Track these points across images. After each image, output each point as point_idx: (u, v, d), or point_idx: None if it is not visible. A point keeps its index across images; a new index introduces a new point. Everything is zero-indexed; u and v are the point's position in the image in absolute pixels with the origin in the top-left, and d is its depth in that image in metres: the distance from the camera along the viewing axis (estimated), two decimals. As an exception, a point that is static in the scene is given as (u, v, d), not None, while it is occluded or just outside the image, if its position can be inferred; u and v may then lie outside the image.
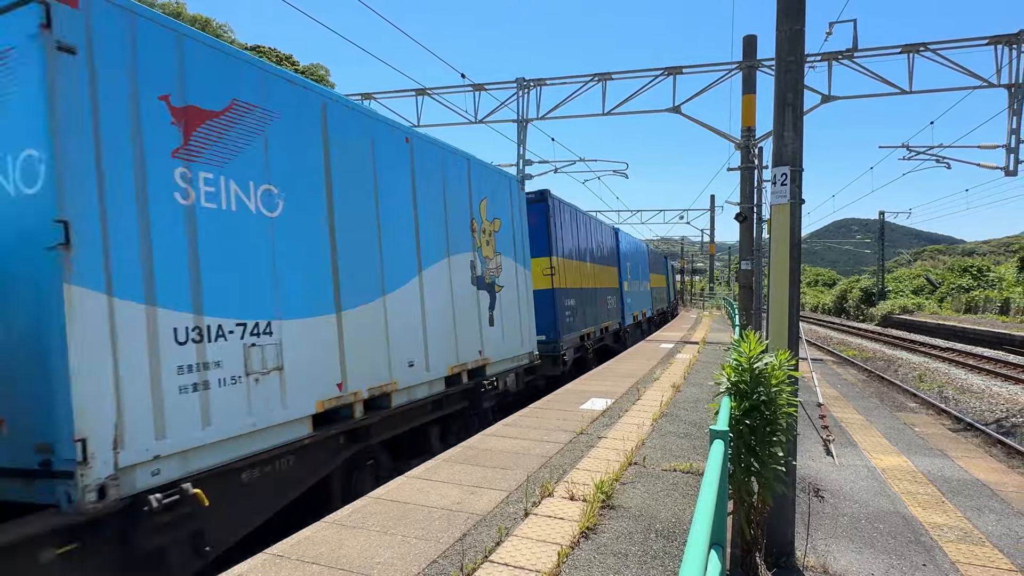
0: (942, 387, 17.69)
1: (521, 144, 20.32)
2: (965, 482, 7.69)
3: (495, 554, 3.74)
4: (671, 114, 18.47)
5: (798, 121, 5.33)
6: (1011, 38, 15.68)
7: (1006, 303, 36.11)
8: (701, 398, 8.96)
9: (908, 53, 16.47)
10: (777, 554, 5.20)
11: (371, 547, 3.83)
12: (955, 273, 49.10)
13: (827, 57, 16.93)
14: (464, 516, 4.35)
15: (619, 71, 19.05)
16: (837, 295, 60.93)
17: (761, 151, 17.27)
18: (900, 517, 6.44)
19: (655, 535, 4.06)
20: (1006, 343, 25.61)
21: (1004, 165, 16.43)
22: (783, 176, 5.27)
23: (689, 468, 5.51)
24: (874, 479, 7.71)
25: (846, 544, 5.80)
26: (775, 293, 5.40)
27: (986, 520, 6.36)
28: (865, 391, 16.31)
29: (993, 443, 11.38)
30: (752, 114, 16.94)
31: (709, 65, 18.22)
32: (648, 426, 7.13)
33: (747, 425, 4.28)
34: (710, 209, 44.96)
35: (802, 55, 5.39)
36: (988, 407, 14.87)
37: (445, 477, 5.26)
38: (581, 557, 3.71)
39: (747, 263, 17.32)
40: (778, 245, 5.36)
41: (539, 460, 5.75)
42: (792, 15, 5.35)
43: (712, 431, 3.23)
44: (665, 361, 13.47)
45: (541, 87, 20.00)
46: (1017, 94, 15.77)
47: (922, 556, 5.50)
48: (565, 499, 4.68)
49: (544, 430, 6.96)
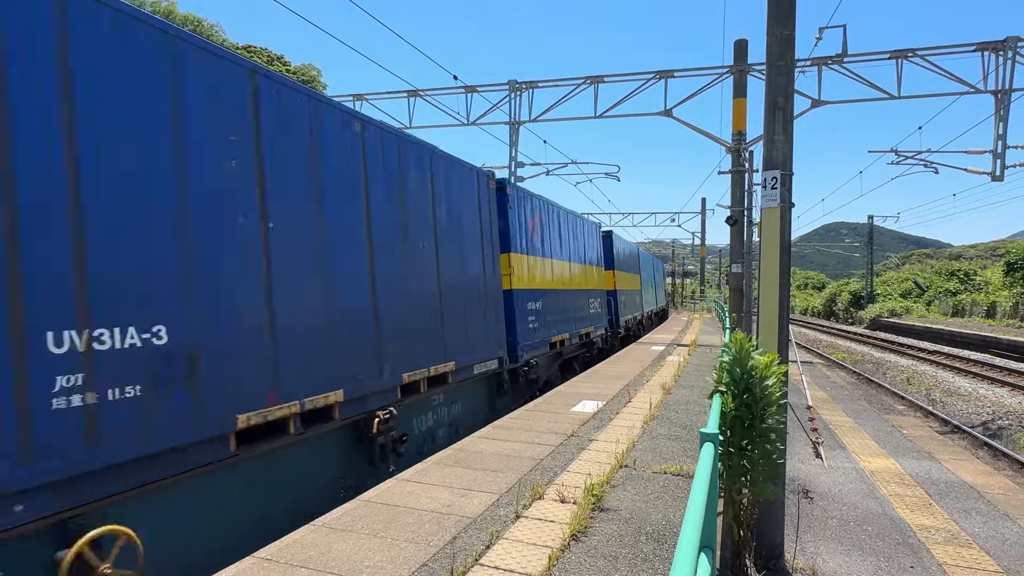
0: (930, 390, 17.84)
1: (513, 146, 20.35)
2: (952, 484, 7.76)
3: (485, 557, 3.72)
4: (663, 117, 18.57)
5: (788, 125, 5.36)
6: (998, 45, 15.88)
7: (992, 307, 36.51)
8: (691, 400, 8.98)
9: (896, 59, 16.64)
10: (766, 556, 5.22)
11: (360, 550, 3.80)
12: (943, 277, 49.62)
13: (817, 62, 17.07)
14: (454, 519, 4.33)
15: (611, 74, 19.12)
16: (826, 298, 61.38)
17: (752, 155, 17.38)
18: (888, 519, 6.48)
19: (645, 537, 4.06)
20: (992, 346, 25.88)
21: (991, 170, 16.63)
22: (773, 180, 5.30)
23: (679, 470, 5.51)
24: (862, 481, 7.76)
25: (835, 546, 5.83)
26: (765, 296, 5.42)
27: (973, 522, 6.42)
28: (854, 394, 16.42)
29: (980, 445, 11.49)
30: (743, 118, 17.04)
31: (700, 69, 18.32)
32: (639, 428, 7.13)
33: (738, 426, 4.29)
34: (701, 212, 45.16)
35: (792, 60, 5.42)
36: (975, 410, 15.00)
37: (436, 480, 5.24)
38: (571, 560, 3.71)
39: (738, 266, 17.40)
40: (768, 248, 5.38)
41: (530, 463, 5.75)
42: (782, 20, 5.39)
43: (702, 433, 3.23)
44: (656, 363, 13.50)
45: (533, 89, 20.04)
46: (1003, 100, 15.96)
47: (910, 558, 5.54)
48: (556, 502, 4.67)
49: (535, 432, 6.95)
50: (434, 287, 7.81)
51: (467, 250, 8.90)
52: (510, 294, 10.64)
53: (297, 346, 5.15)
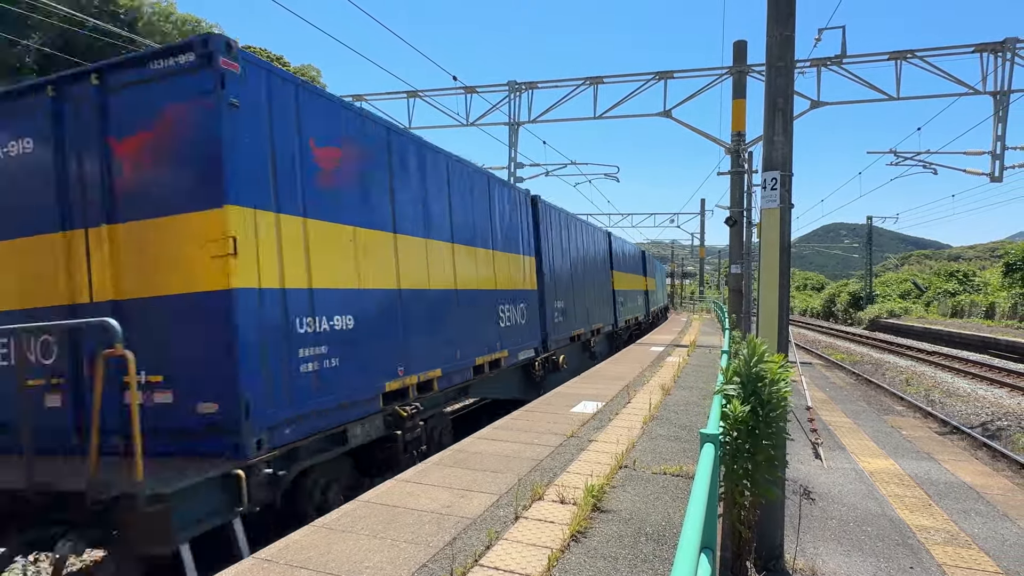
0: (929, 390, 17.85)
1: (513, 147, 20.34)
2: (951, 485, 7.76)
3: (485, 558, 3.72)
4: (662, 118, 18.56)
5: (788, 126, 5.36)
6: (996, 46, 15.89)
7: (991, 308, 36.55)
8: (691, 401, 8.98)
9: (895, 60, 16.65)
10: (766, 557, 5.21)
11: (360, 551, 3.80)
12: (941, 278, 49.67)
13: (816, 63, 17.08)
14: (454, 520, 4.33)
15: (611, 75, 19.11)
16: (826, 299, 61.41)
17: (751, 155, 17.40)
18: (887, 520, 6.48)
19: (645, 538, 4.05)
20: (991, 347, 25.90)
21: (990, 171, 16.64)
22: (773, 180, 5.30)
23: (679, 471, 5.51)
24: (862, 482, 7.76)
25: (834, 547, 5.83)
26: (765, 296, 5.42)
27: (972, 523, 6.42)
28: (853, 394, 16.43)
29: (979, 446, 11.49)
30: (742, 119, 17.06)
31: (700, 70, 18.33)
32: (638, 429, 7.13)
33: (744, 426, 4.28)
34: (700, 213, 45.18)
35: (792, 60, 5.42)
36: (974, 410, 15.01)
37: (435, 480, 5.23)
38: (571, 561, 3.70)
39: (737, 267, 17.41)
40: (768, 249, 5.38)
41: (530, 463, 5.74)
42: (782, 20, 5.39)
43: (702, 434, 3.23)
44: (655, 364, 13.50)
45: (533, 90, 20.04)
46: (1002, 101, 15.98)
47: (909, 559, 5.54)
48: (555, 502, 4.67)
49: (535, 433, 6.95)
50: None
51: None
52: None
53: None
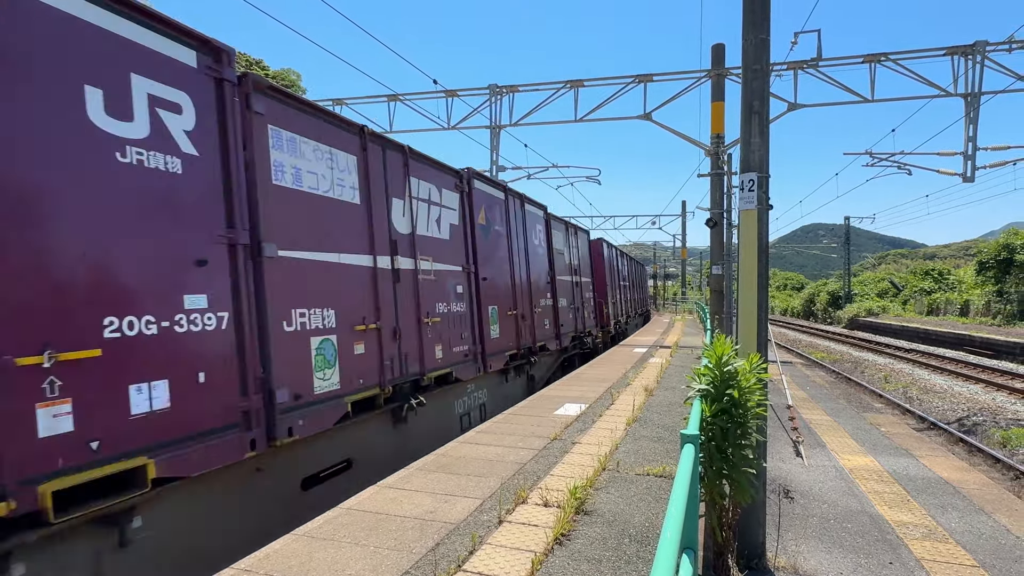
0: (906, 387, 18.15)
1: (494, 150, 20.35)
2: (929, 480, 7.89)
3: (468, 563, 3.70)
4: (642, 121, 18.69)
5: (765, 128, 5.43)
6: (967, 49, 16.24)
7: (966, 305, 37.30)
8: (674, 402, 9.03)
9: (870, 63, 16.94)
10: (749, 556, 5.26)
11: (342, 559, 3.76)
12: (917, 276, 50.60)
13: (793, 66, 17.33)
14: (438, 525, 4.30)
15: (591, 78, 19.20)
16: (805, 299, 62.20)
17: (730, 158, 17.56)
18: (867, 516, 6.56)
19: (629, 540, 4.06)
20: (966, 343, 26.41)
21: (962, 172, 16.98)
22: (751, 182, 5.36)
23: (662, 472, 5.54)
24: (842, 479, 7.86)
25: (816, 544, 5.89)
26: (744, 297, 5.47)
27: (949, 517, 6.53)
28: (833, 392, 16.65)
29: (955, 441, 11.71)
30: (721, 121, 17.22)
31: (679, 73, 18.49)
32: (622, 431, 7.15)
33: (718, 428, 4.31)
34: (681, 215, 45.59)
35: (767, 64, 5.48)
36: (950, 406, 15.29)
37: (419, 486, 5.20)
38: (555, 564, 3.70)
39: (718, 268, 17.56)
40: (746, 250, 5.44)
41: (513, 467, 5.73)
42: (757, 24, 5.45)
43: (683, 435, 3.24)
44: (638, 365, 13.56)
45: (514, 93, 20.06)
46: (973, 103, 16.32)
47: (889, 554, 5.61)
48: (539, 506, 4.66)
49: (518, 436, 6.94)
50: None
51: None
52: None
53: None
